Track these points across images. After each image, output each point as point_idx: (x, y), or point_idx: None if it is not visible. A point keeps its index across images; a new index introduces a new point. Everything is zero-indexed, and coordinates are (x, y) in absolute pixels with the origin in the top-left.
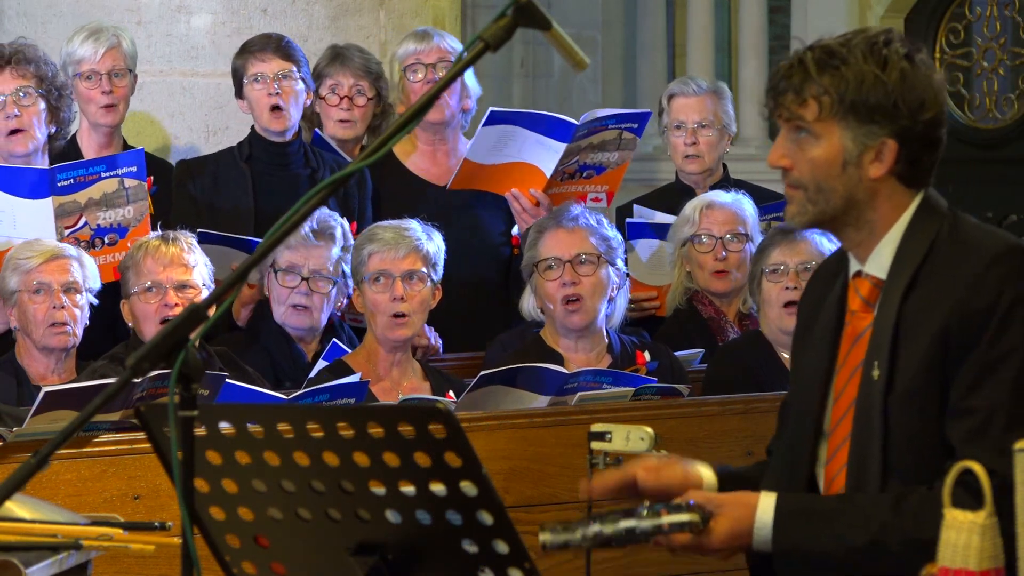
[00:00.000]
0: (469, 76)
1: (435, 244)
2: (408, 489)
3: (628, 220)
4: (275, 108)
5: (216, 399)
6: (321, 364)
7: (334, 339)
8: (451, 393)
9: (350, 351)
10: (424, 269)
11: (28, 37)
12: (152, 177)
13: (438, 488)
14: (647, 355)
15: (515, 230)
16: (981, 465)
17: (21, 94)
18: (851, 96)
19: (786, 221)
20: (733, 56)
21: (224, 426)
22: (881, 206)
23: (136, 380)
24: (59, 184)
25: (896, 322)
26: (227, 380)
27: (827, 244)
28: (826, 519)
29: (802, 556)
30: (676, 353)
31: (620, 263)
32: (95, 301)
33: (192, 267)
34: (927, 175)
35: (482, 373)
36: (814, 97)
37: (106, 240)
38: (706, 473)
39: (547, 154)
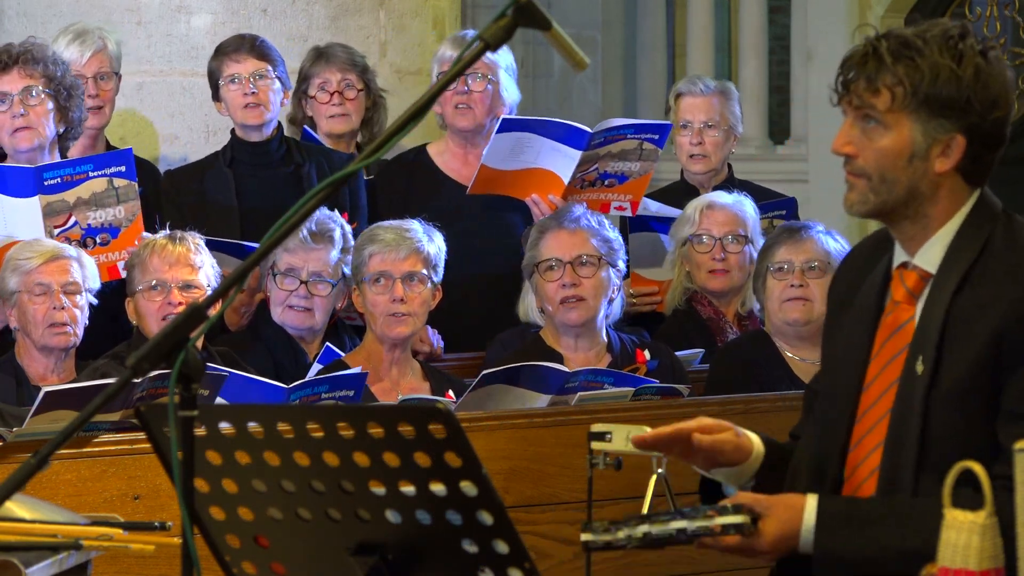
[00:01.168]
0: (508, 83)
1: (436, 245)
2: (408, 489)
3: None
4: (251, 105)
5: (219, 392)
6: (317, 367)
7: (327, 344)
8: (451, 393)
9: (343, 355)
10: (424, 271)
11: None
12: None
13: (438, 488)
14: (647, 354)
15: None
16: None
17: (31, 93)
18: (926, 89)
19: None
20: (733, 56)
21: (224, 426)
22: (941, 201)
23: (136, 380)
24: (46, 183)
25: (945, 318)
26: (231, 371)
27: (832, 243)
28: (870, 524)
29: (843, 560)
30: (676, 353)
31: (621, 264)
32: (95, 301)
33: (198, 267)
34: (986, 173)
35: (484, 372)
36: (887, 87)
37: (98, 240)
38: (756, 442)
39: (564, 160)
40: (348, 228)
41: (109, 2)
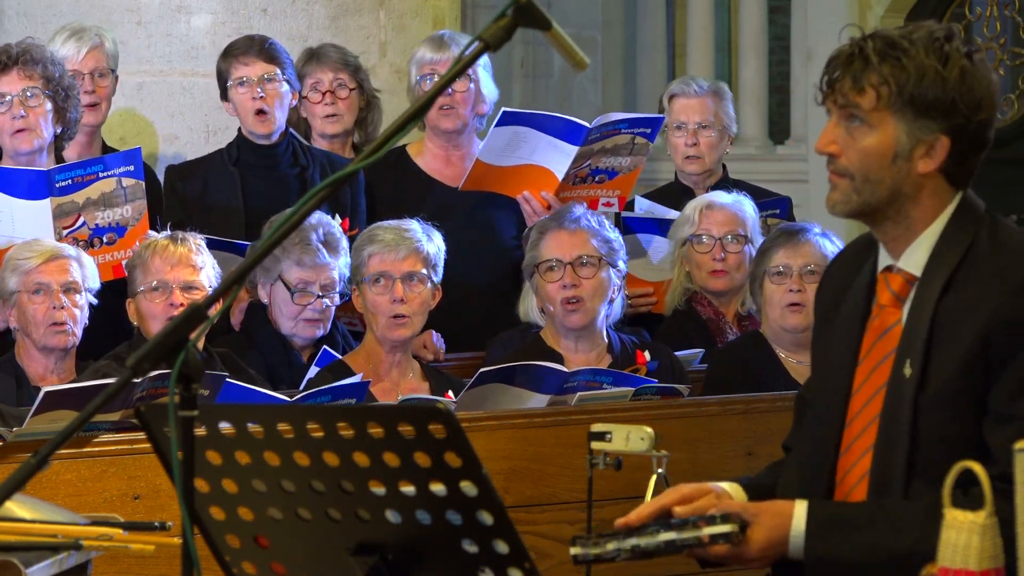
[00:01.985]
0: (486, 80)
1: (435, 245)
2: (408, 489)
3: (626, 215)
4: (260, 112)
5: (216, 399)
6: (314, 370)
7: (324, 346)
8: (450, 393)
9: (340, 357)
10: (424, 270)
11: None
12: None
13: (438, 488)
14: (647, 355)
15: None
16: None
17: (28, 94)
18: (911, 89)
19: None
20: (733, 56)
21: (224, 426)
22: (924, 202)
23: (136, 380)
24: (57, 185)
25: (931, 321)
26: (227, 380)
27: (830, 246)
28: (860, 528)
29: (835, 564)
30: (676, 353)
31: (621, 264)
32: (95, 301)
33: (199, 268)
34: (970, 175)
35: (481, 370)
36: (873, 86)
37: (104, 239)
38: (737, 494)
39: (559, 156)
40: (342, 231)
41: (109, 2)
